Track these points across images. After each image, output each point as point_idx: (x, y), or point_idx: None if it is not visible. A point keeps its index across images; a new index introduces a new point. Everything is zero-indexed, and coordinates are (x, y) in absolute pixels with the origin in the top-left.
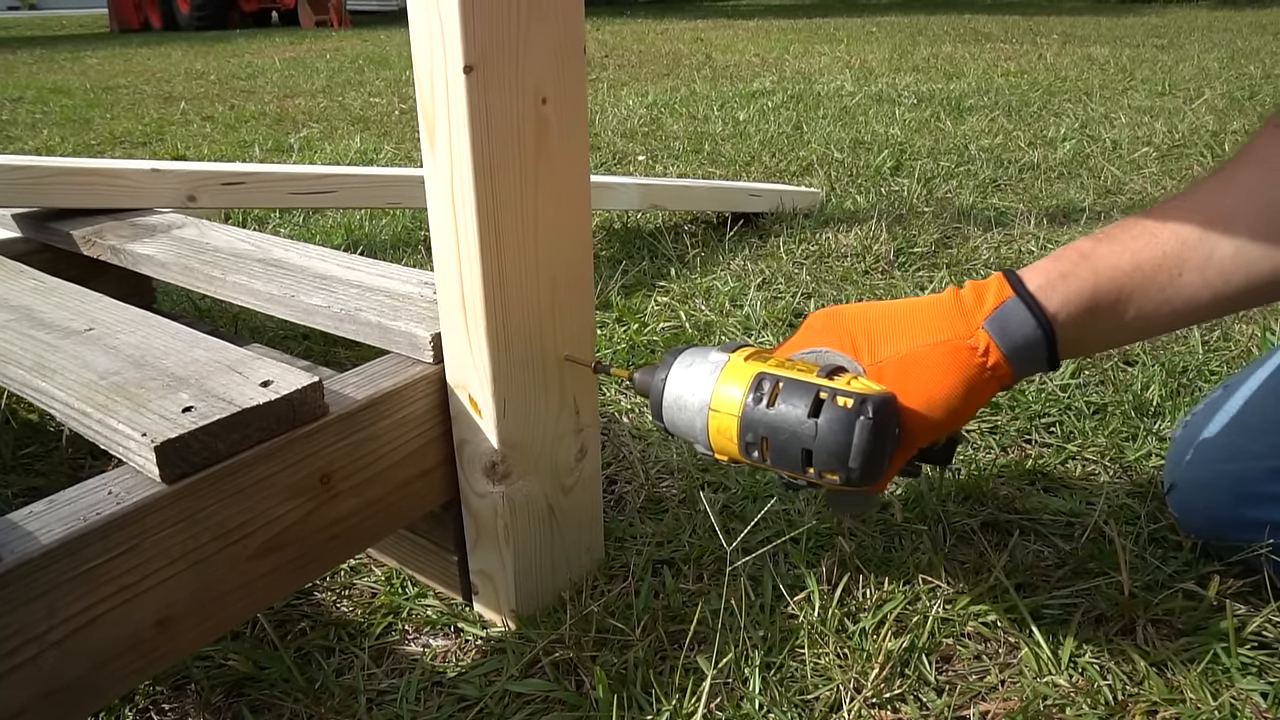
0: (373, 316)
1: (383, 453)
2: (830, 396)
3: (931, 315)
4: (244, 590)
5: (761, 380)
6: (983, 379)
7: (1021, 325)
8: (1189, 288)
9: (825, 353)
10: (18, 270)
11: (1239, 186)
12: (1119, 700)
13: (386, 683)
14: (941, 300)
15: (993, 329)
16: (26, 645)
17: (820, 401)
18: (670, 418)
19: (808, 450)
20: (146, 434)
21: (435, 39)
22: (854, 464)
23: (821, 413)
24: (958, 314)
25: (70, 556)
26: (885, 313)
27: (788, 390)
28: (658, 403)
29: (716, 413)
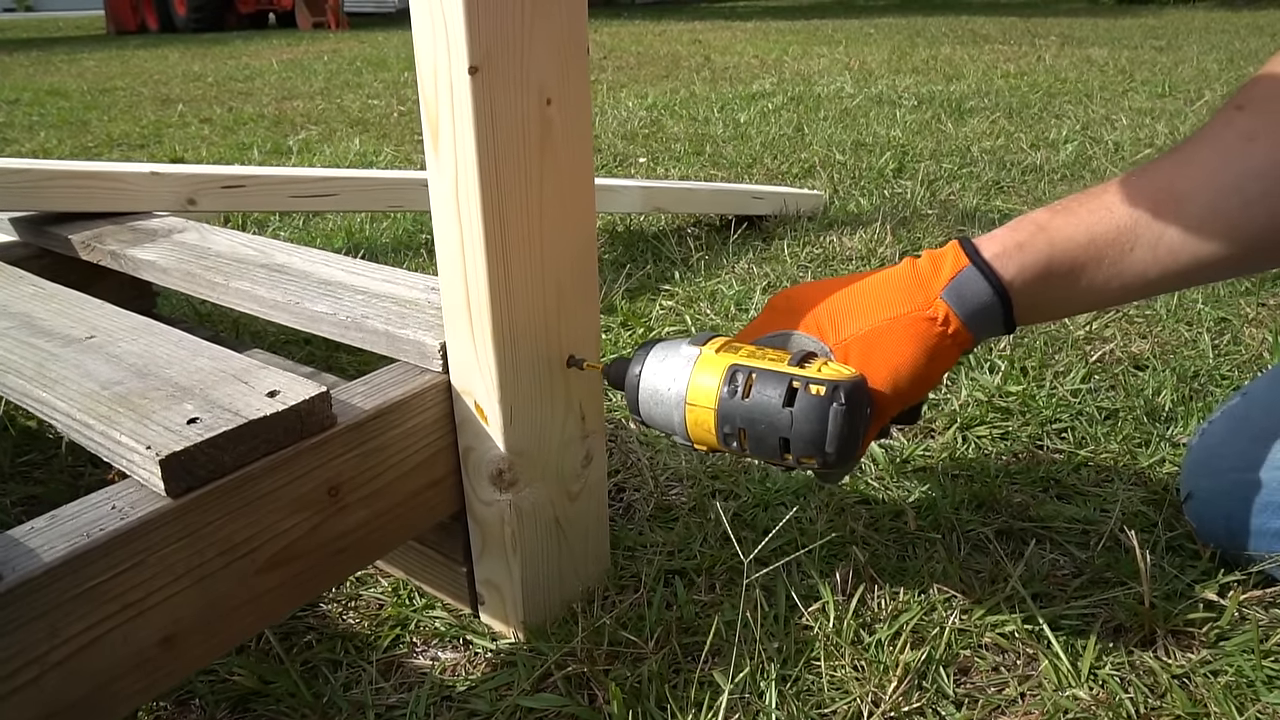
0: (380, 324)
1: (392, 463)
2: (803, 385)
3: (890, 289)
4: (251, 605)
5: (735, 372)
6: (944, 346)
7: (978, 293)
8: (1139, 263)
9: (792, 335)
10: (17, 276)
11: (1194, 168)
12: (1141, 714)
13: (395, 697)
14: (899, 273)
15: (950, 298)
16: (28, 666)
17: (794, 391)
18: (647, 411)
19: (785, 439)
20: (151, 447)
21: (439, 39)
22: (830, 449)
23: (796, 402)
24: (915, 285)
25: (73, 574)
26: (845, 290)
27: (761, 381)
28: (634, 398)
29: (694, 406)
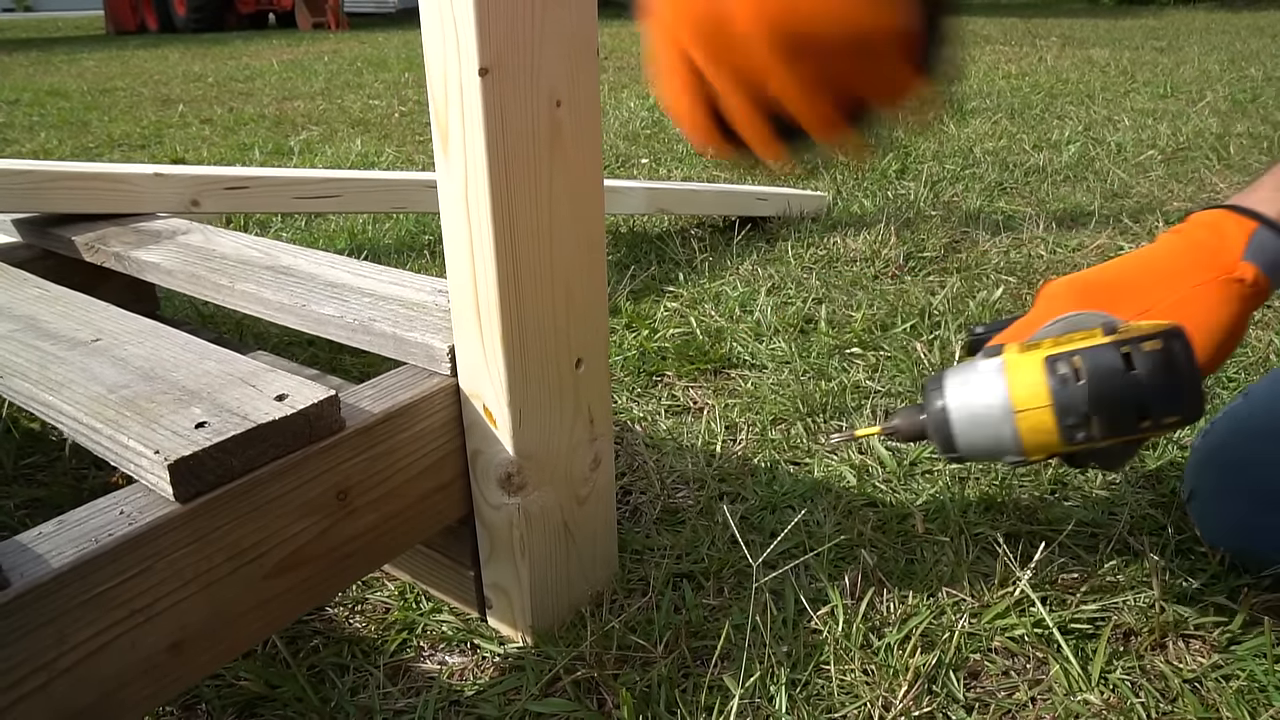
0: (388, 327)
1: (400, 467)
2: (1134, 346)
3: (1181, 261)
4: (259, 611)
5: (1055, 363)
6: (1254, 303)
7: (1277, 249)
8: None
9: (1080, 316)
10: (21, 278)
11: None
12: (1153, 718)
13: (403, 702)
14: (1180, 246)
15: (1256, 258)
16: (36, 673)
17: (1127, 355)
18: (968, 441)
19: (1141, 404)
20: (159, 451)
21: (449, 41)
22: (1189, 398)
23: (1136, 365)
24: (1208, 254)
25: (81, 580)
26: (1129, 269)
27: (1090, 360)
28: (947, 433)
29: (1024, 412)
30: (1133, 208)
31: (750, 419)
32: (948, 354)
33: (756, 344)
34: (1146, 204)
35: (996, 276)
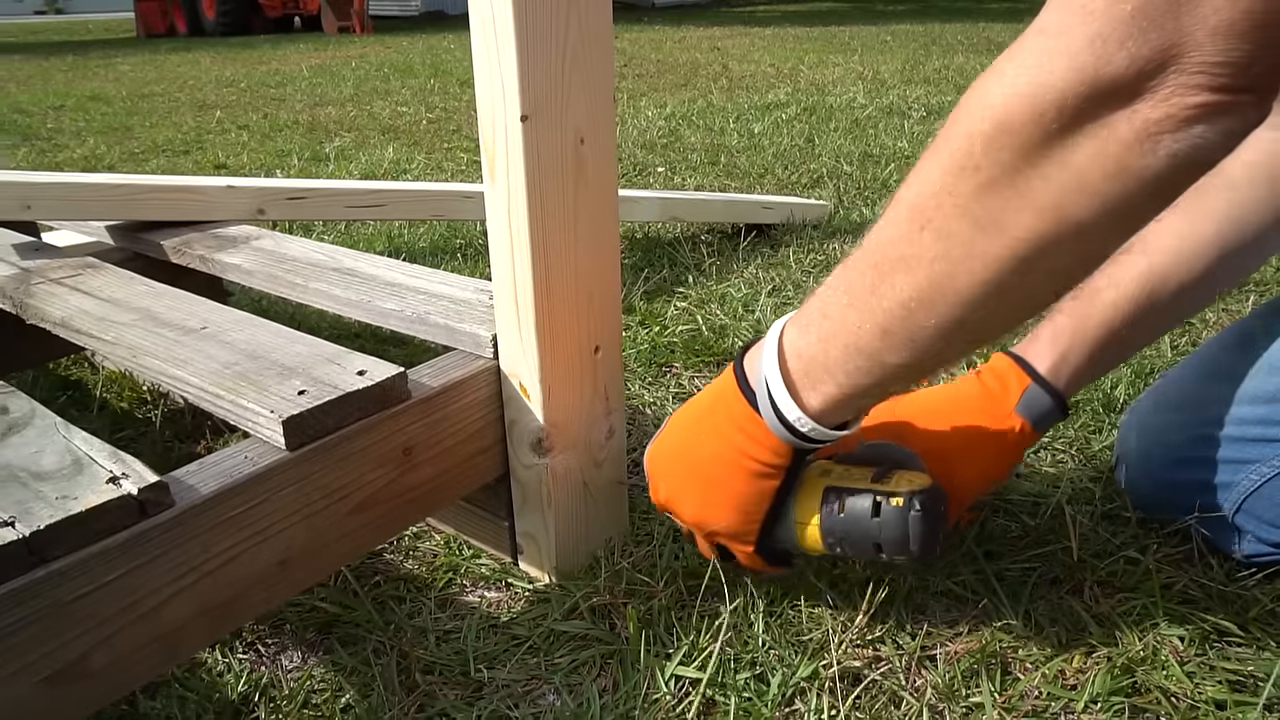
0: (441, 319)
1: (452, 431)
2: (885, 499)
3: (973, 405)
4: (344, 540)
5: (829, 493)
6: (1019, 450)
7: (1044, 405)
8: (1155, 325)
9: (883, 447)
10: (128, 277)
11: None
12: (1063, 643)
13: (451, 624)
14: (971, 393)
15: (1024, 413)
16: (190, 573)
17: (878, 504)
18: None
19: (877, 543)
20: (274, 411)
21: (497, 93)
22: (914, 547)
23: (880, 513)
24: (989, 403)
25: (220, 505)
26: (937, 405)
27: (850, 501)
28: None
29: (802, 524)
30: None
31: None
32: None
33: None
34: None
35: None
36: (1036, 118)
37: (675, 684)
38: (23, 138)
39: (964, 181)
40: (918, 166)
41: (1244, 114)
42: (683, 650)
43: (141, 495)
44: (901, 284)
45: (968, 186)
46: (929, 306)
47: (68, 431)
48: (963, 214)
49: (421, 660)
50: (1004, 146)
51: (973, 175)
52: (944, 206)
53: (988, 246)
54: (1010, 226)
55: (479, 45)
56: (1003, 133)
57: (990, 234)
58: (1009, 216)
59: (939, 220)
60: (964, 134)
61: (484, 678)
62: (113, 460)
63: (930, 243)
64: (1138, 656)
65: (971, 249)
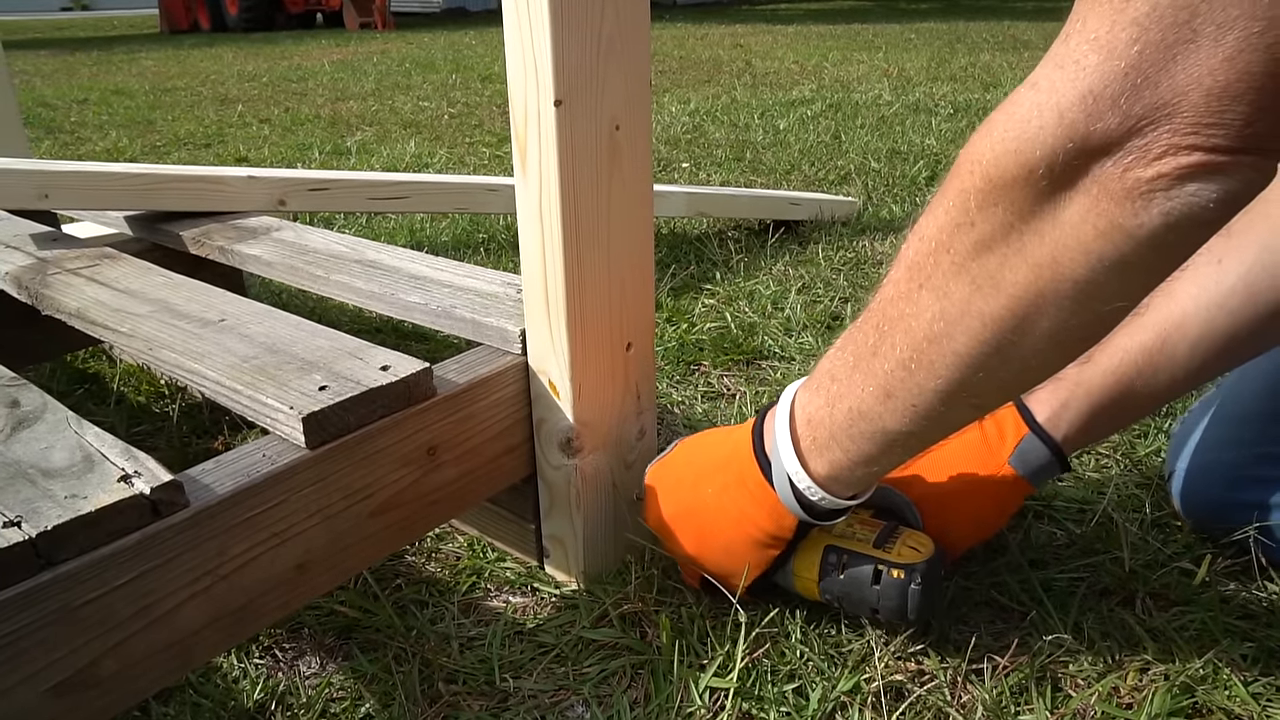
0: (467, 313)
1: (478, 430)
2: (886, 569)
3: (971, 453)
4: (365, 543)
5: (830, 553)
6: (1014, 499)
7: (1039, 456)
8: (1164, 383)
9: (887, 492)
10: (146, 268)
11: (1180, 299)
12: (1116, 658)
13: (474, 630)
14: (972, 440)
15: (1017, 464)
16: (204, 577)
17: (879, 572)
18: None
19: (874, 608)
20: (294, 407)
21: (530, 77)
22: (912, 616)
23: (880, 582)
24: (986, 452)
25: (236, 506)
26: (936, 449)
27: (852, 563)
28: None
29: (800, 577)
30: None
31: None
32: None
33: (786, 338)
34: None
35: None
36: (1027, 174)
37: (709, 696)
38: (46, 131)
39: (960, 239)
40: (919, 223)
41: (1244, 174)
42: (717, 661)
43: (154, 495)
44: (901, 344)
45: (964, 244)
46: (928, 367)
47: (80, 427)
48: (960, 271)
49: (445, 668)
50: (997, 202)
51: (968, 232)
52: (941, 264)
53: (984, 305)
54: (1006, 284)
55: (511, 27)
56: (995, 189)
57: (986, 292)
58: (1005, 274)
59: (937, 278)
60: (958, 190)
61: (510, 687)
62: (125, 458)
63: (929, 302)
64: (1197, 674)
65: (968, 307)
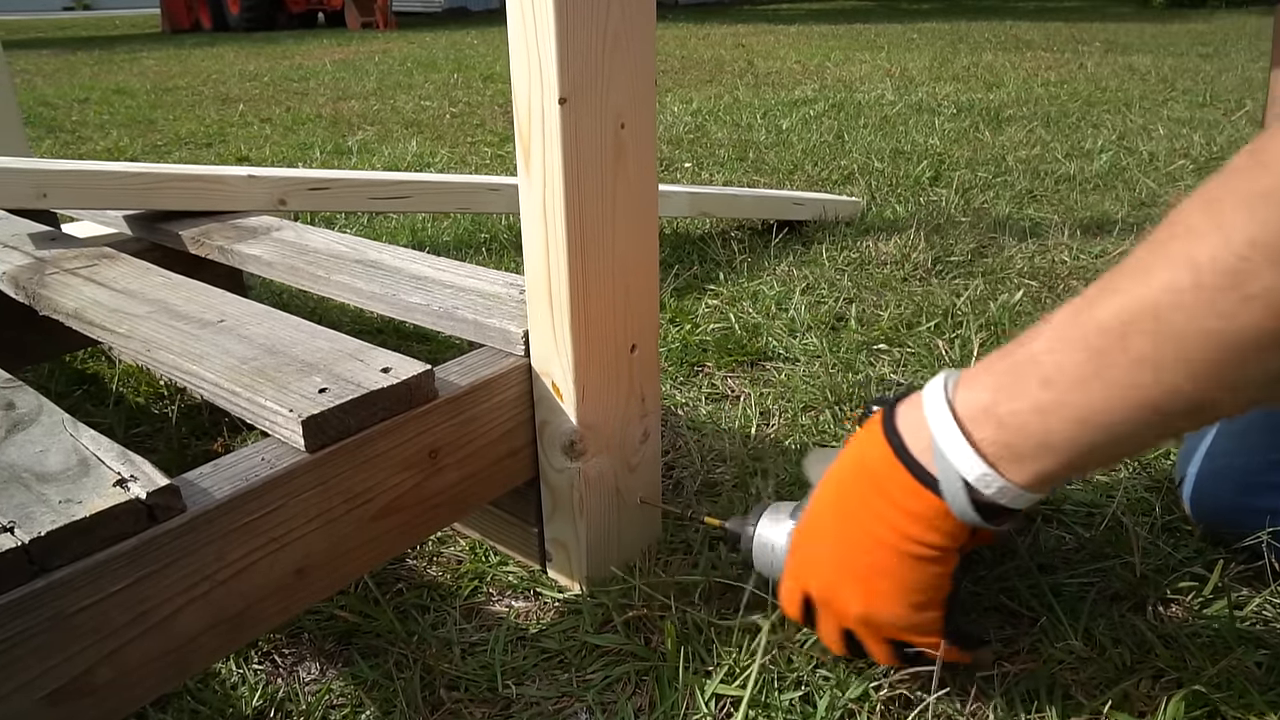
0: (469, 314)
1: (481, 432)
2: None
3: None
4: (366, 547)
5: None
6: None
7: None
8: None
9: None
10: (145, 268)
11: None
12: (1128, 665)
13: (477, 636)
14: None
15: None
16: (202, 582)
17: None
18: (757, 562)
19: None
20: (293, 410)
21: (534, 74)
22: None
23: None
24: None
25: (235, 510)
26: None
27: None
28: (746, 549)
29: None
30: (1159, 216)
31: (783, 406)
32: (967, 351)
33: (790, 339)
34: None
35: (1019, 280)
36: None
37: (716, 704)
38: (47, 130)
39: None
40: (1193, 214)
41: None
42: (724, 668)
43: (150, 500)
44: (1194, 356)
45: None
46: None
47: (75, 430)
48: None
49: (446, 674)
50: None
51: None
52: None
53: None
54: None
55: (515, 23)
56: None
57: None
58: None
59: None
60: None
61: (512, 694)
62: (121, 461)
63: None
64: (1212, 682)
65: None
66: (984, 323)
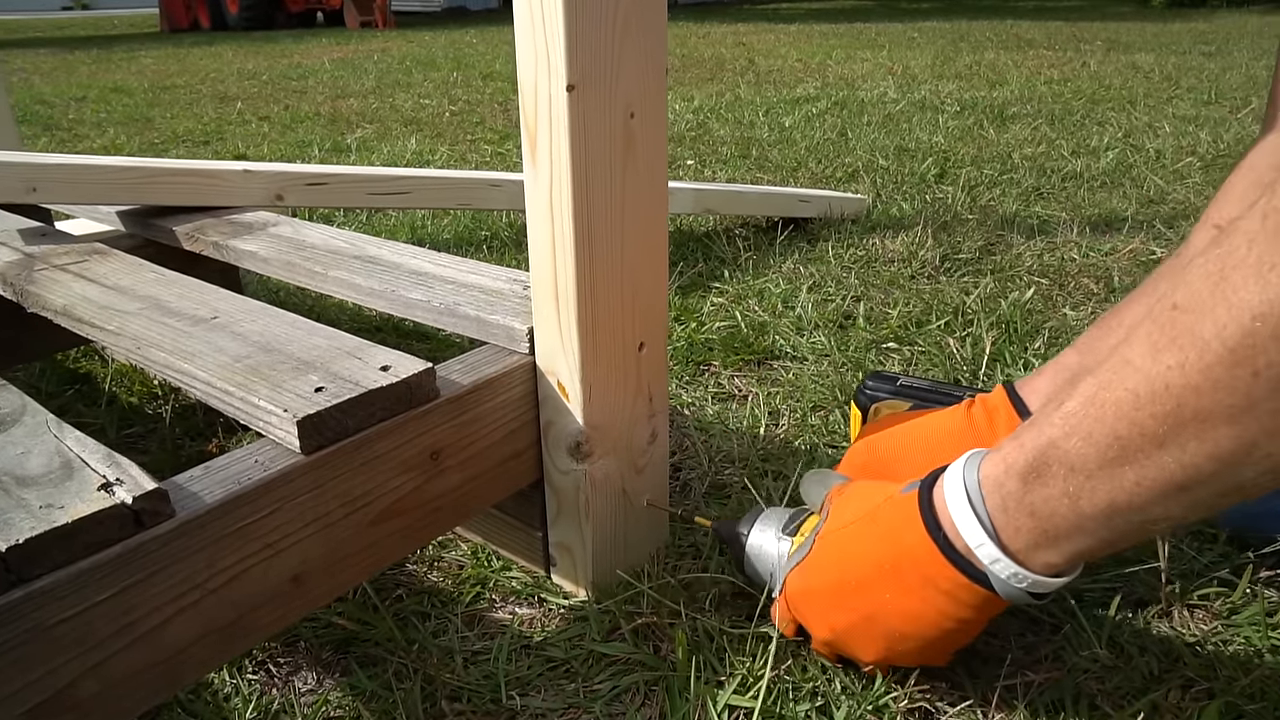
0: (471, 310)
1: (483, 433)
2: None
3: (958, 443)
4: (365, 553)
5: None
6: None
7: None
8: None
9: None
10: (137, 264)
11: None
12: (1155, 674)
13: (479, 644)
14: (959, 427)
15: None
16: (192, 591)
17: None
18: (749, 568)
19: None
20: (288, 410)
21: (541, 61)
22: None
23: None
24: (976, 442)
25: (226, 515)
26: (916, 440)
27: None
28: (739, 554)
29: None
30: (1167, 214)
31: (792, 406)
32: (979, 350)
33: (798, 337)
34: (1181, 210)
35: (1029, 278)
36: None
37: (729, 715)
38: (44, 128)
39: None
40: (1199, 284)
41: None
42: (737, 677)
43: (137, 505)
44: (1222, 434)
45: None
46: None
47: (59, 430)
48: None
49: (448, 685)
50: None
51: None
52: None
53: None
54: None
55: (522, 6)
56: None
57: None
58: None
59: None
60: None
61: (517, 705)
62: (107, 464)
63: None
64: (1245, 693)
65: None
66: (995, 320)
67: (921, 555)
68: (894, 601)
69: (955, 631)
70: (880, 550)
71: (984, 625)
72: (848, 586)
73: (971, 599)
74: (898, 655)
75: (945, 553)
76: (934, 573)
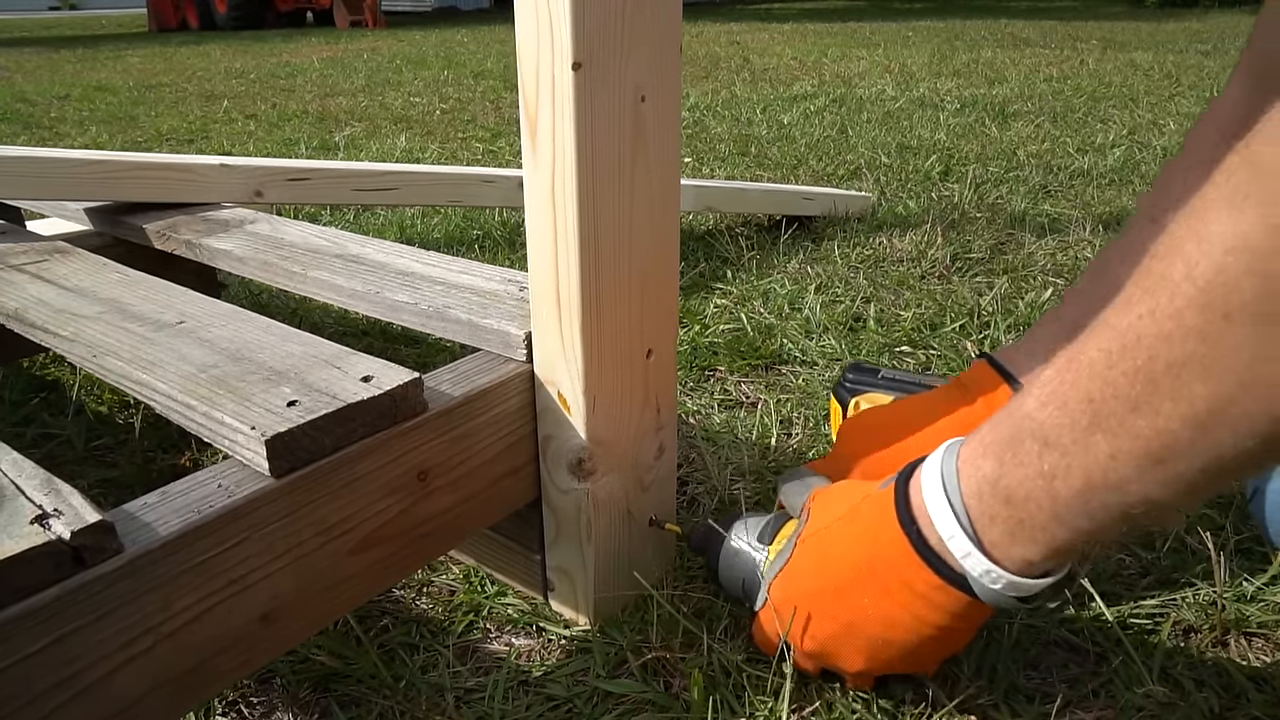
0: (462, 314)
1: (477, 450)
2: None
3: (952, 420)
4: (344, 585)
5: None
6: None
7: None
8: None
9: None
10: (101, 263)
11: None
12: (1217, 712)
13: (473, 681)
14: (953, 401)
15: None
16: (144, 636)
17: None
18: (721, 578)
19: None
20: (255, 427)
21: (544, 36)
22: None
23: None
24: (969, 416)
25: (185, 549)
26: (912, 417)
27: None
28: (713, 564)
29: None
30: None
31: (804, 414)
32: None
33: (807, 340)
34: None
35: (1044, 278)
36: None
37: None
38: (24, 126)
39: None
40: (1180, 238)
41: None
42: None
43: (76, 540)
44: (1197, 393)
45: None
46: (1245, 420)
47: None
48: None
49: None
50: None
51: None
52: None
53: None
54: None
55: None
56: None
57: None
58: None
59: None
60: None
61: None
62: (44, 491)
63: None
64: None
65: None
66: (1012, 323)
67: (896, 554)
68: (873, 606)
69: (936, 639)
70: (858, 551)
71: (972, 633)
72: (827, 592)
73: (949, 603)
74: (881, 664)
75: (919, 549)
76: (910, 575)
